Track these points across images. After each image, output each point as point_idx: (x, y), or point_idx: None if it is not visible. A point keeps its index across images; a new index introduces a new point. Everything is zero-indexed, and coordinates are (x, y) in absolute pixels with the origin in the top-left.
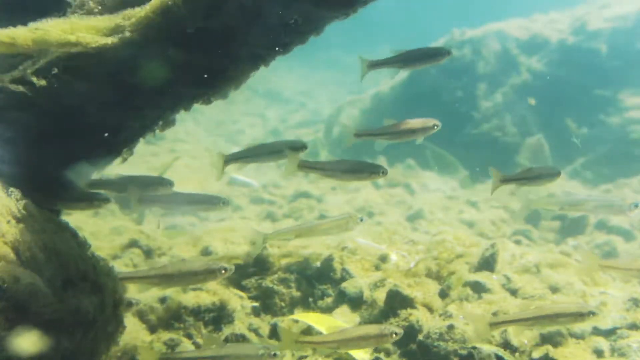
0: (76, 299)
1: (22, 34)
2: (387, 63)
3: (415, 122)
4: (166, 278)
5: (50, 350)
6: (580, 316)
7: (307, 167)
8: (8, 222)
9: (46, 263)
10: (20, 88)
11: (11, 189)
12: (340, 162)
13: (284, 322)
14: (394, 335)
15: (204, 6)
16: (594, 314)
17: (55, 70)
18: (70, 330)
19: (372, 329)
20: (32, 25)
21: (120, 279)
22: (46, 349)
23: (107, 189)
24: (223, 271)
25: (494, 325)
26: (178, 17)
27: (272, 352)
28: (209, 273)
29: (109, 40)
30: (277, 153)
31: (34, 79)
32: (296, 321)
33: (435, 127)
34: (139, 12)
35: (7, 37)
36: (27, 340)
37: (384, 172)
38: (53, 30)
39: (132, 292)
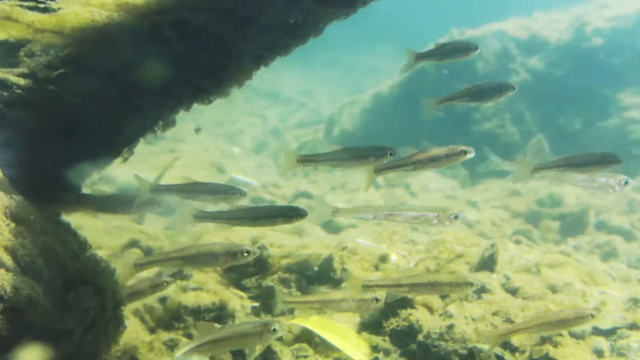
0: (76, 299)
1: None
2: (455, 98)
3: (440, 150)
4: (187, 260)
5: (50, 351)
6: (458, 286)
7: (308, 160)
8: (7, 225)
9: (45, 265)
10: (22, 81)
11: (11, 190)
12: (343, 150)
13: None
14: (375, 302)
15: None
16: (471, 284)
17: (55, 69)
18: (71, 331)
19: (355, 295)
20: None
21: (140, 264)
22: (46, 351)
23: (171, 194)
24: (245, 254)
25: (367, 288)
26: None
27: (272, 328)
28: (231, 255)
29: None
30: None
31: (35, 77)
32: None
33: (464, 153)
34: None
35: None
36: (28, 343)
37: (392, 153)
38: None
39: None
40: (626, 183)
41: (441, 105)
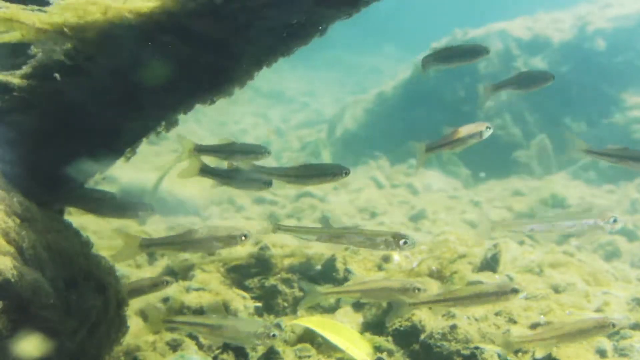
0: (79, 299)
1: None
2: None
3: (476, 127)
4: (189, 244)
5: (52, 351)
6: (504, 294)
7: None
8: (12, 221)
9: (49, 262)
10: (25, 82)
11: (14, 189)
12: (299, 167)
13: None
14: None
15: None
16: (517, 291)
17: (58, 68)
18: (74, 330)
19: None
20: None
21: (144, 245)
22: (49, 351)
23: (212, 155)
24: (243, 237)
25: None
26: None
27: (272, 333)
28: (231, 239)
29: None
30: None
31: (37, 78)
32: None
33: (489, 129)
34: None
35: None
36: (30, 343)
37: (347, 173)
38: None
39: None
40: (615, 221)
41: (497, 91)
